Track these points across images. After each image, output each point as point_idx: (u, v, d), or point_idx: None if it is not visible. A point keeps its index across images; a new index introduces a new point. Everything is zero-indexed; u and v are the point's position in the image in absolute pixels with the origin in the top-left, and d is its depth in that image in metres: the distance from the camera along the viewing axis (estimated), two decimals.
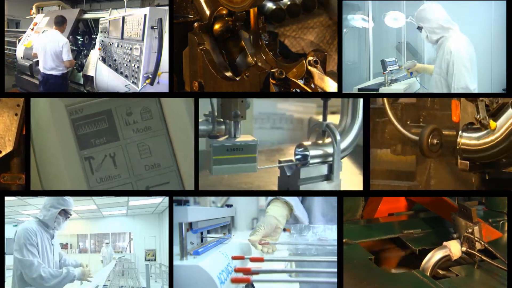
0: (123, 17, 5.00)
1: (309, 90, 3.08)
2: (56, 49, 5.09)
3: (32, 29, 6.75)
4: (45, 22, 6.65)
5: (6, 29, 5.41)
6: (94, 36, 6.56)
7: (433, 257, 2.96)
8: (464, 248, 2.96)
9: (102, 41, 5.55)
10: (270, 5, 3.45)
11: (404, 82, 4.86)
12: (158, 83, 4.53)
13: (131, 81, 4.68)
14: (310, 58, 3.13)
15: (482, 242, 2.90)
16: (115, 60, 5.10)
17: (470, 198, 3.64)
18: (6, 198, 3.48)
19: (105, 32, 5.49)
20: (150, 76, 4.54)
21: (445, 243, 2.99)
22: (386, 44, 5.23)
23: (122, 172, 3.47)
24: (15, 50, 6.70)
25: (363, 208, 3.79)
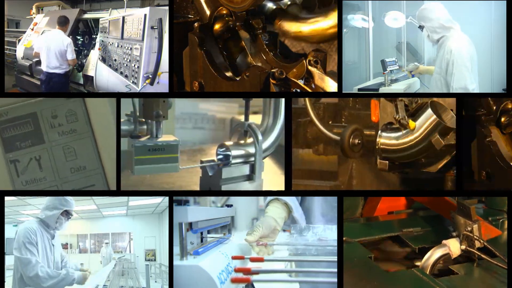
0: (123, 17, 5.00)
1: (309, 90, 3.08)
2: (61, 48, 5.20)
3: (32, 29, 6.75)
4: (45, 22, 6.66)
5: (6, 29, 5.41)
6: (94, 36, 6.56)
7: (433, 256, 2.95)
8: (464, 246, 2.95)
9: (102, 41, 5.55)
10: (270, 5, 3.44)
11: (404, 82, 4.86)
12: (158, 83, 4.53)
13: (131, 81, 4.68)
14: (310, 58, 3.13)
15: (481, 241, 2.90)
16: (115, 60, 5.10)
17: (470, 197, 3.63)
18: (6, 198, 3.48)
19: (105, 32, 5.49)
20: (150, 76, 4.54)
21: (445, 242, 2.99)
22: (386, 44, 5.23)
23: (48, 175, 3.49)
24: (15, 50, 6.70)
25: (363, 207, 3.78)
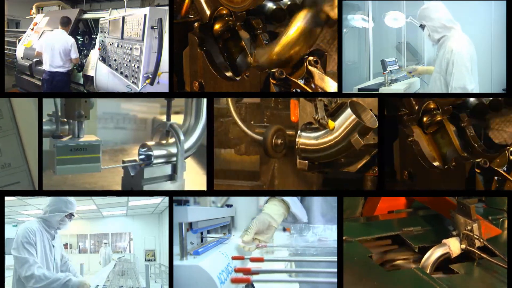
0: (123, 17, 5.00)
1: (309, 90, 3.08)
2: (65, 48, 5.32)
3: (32, 29, 6.75)
4: (45, 22, 6.66)
5: (6, 29, 5.41)
6: (94, 36, 6.56)
7: (433, 255, 2.95)
8: (464, 246, 2.95)
9: (102, 41, 5.55)
10: (270, 5, 3.44)
11: (404, 82, 4.87)
12: (158, 83, 4.53)
13: (131, 81, 4.68)
14: (311, 58, 3.13)
15: (481, 240, 2.90)
16: (115, 60, 5.10)
17: (470, 196, 3.62)
18: (6, 198, 3.47)
19: (105, 32, 5.49)
20: (150, 76, 4.54)
21: (445, 241, 2.98)
22: (386, 44, 5.24)
23: None
24: (15, 50, 6.71)
25: (363, 206, 3.78)
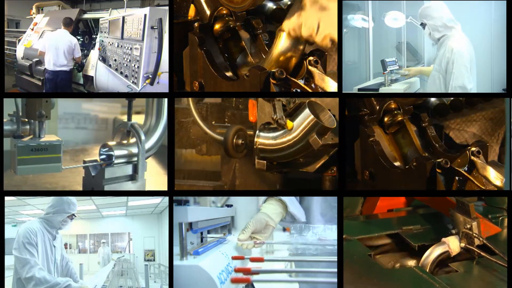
0: (123, 17, 5.00)
1: (310, 90, 3.08)
2: (69, 47, 5.45)
3: (32, 29, 6.76)
4: (45, 22, 6.66)
5: (6, 29, 5.42)
6: (94, 36, 6.57)
7: (432, 253, 2.94)
8: (463, 244, 2.95)
9: (102, 41, 5.55)
10: (270, 5, 3.44)
11: (404, 82, 4.88)
12: (158, 83, 4.53)
13: (131, 81, 4.68)
14: (311, 58, 3.12)
15: (481, 238, 2.89)
16: (115, 60, 5.11)
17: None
18: (6, 198, 3.47)
19: (105, 32, 5.49)
20: (150, 76, 4.54)
21: (444, 239, 2.98)
22: (386, 44, 5.24)
23: None
24: (15, 50, 6.71)
25: (362, 204, 3.77)
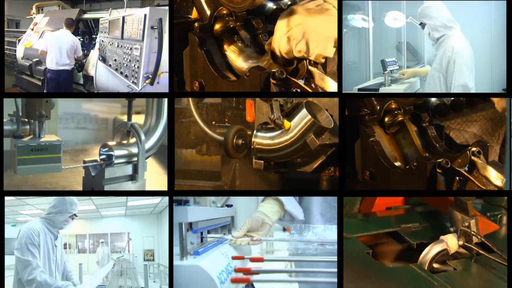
0: (123, 17, 5.00)
1: (310, 90, 3.08)
2: (72, 46, 5.52)
3: (32, 29, 6.75)
4: (45, 22, 6.66)
5: (6, 29, 5.42)
6: (94, 36, 6.57)
7: (431, 251, 2.94)
8: (461, 242, 2.95)
9: (102, 41, 5.56)
10: (270, 5, 3.44)
11: (404, 82, 4.88)
12: (158, 83, 4.53)
13: (131, 81, 4.68)
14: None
15: (479, 236, 2.89)
16: (115, 60, 5.11)
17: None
18: (5, 198, 3.47)
19: (105, 32, 5.49)
20: (150, 76, 4.54)
21: (442, 237, 2.98)
22: (386, 44, 5.25)
23: None
24: (15, 50, 6.70)
25: (361, 202, 3.78)
